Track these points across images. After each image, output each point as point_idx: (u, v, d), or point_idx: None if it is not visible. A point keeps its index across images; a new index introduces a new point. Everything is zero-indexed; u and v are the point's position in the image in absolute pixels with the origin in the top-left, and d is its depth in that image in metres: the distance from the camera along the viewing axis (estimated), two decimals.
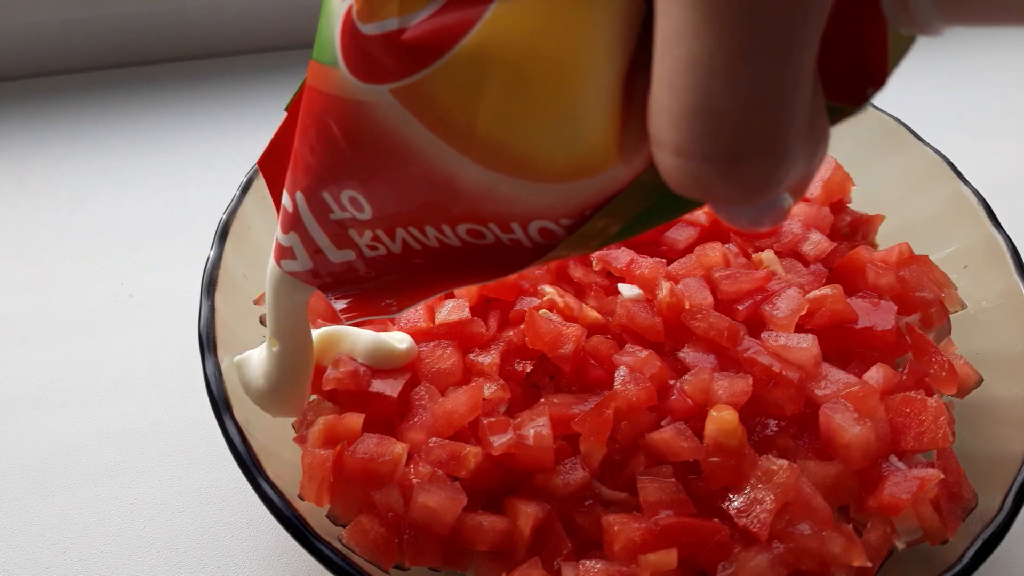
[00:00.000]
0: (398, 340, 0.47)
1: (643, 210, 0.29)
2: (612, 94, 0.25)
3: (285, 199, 0.35)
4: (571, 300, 0.50)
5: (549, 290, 0.50)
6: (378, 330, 0.48)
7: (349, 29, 0.27)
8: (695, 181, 0.23)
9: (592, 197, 0.28)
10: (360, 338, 0.48)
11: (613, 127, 0.25)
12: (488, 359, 0.48)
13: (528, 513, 0.42)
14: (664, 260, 0.51)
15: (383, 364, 0.47)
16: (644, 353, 0.47)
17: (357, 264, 0.35)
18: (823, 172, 0.57)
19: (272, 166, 0.37)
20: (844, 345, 0.49)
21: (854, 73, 0.25)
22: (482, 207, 0.29)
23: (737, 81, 0.20)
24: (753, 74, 0.20)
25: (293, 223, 0.35)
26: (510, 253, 0.31)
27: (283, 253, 0.37)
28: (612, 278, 0.52)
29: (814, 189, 0.57)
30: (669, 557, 0.40)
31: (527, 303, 0.49)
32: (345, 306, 0.36)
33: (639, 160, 0.26)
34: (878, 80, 0.24)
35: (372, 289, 0.36)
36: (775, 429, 0.46)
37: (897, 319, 0.49)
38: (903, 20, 0.22)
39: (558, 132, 0.26)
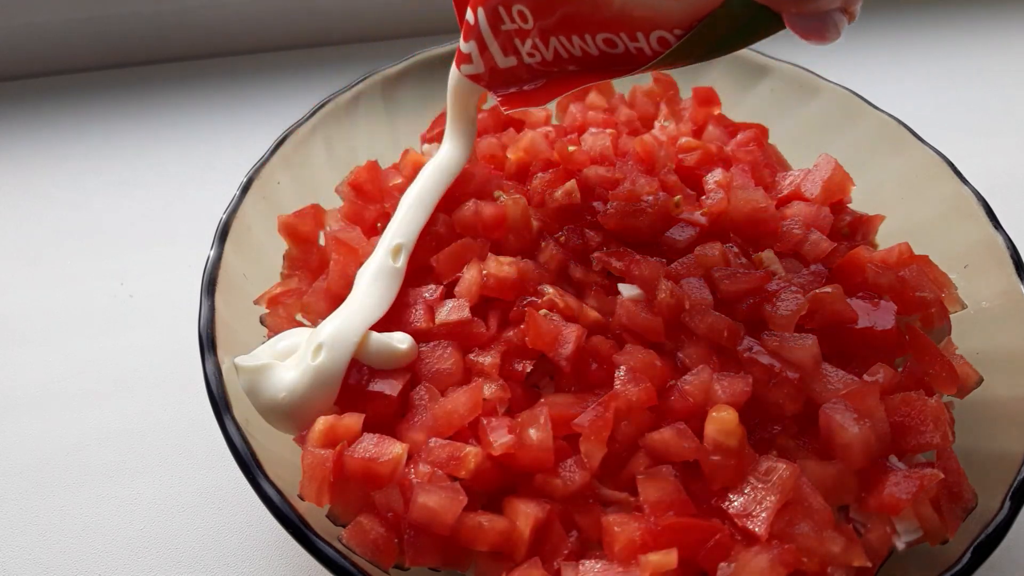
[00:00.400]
0: (399, 340, 0.47)
1: (729, 31, 0.40)
2: None
3: (468, 14, 0.48)
4: (571, 300, 0.50)
5: (549, 290, 0.50)
6: (379, 330, 0.48)
7: None
8: None
9: (698, 10, 0.39)
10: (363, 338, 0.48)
11: None
12: (488, 359, 0.48)
13: (528, 513, 0.42)
14: (664, 260, 0.51)
15: (385, 364, 0.47)
16: (644, 353, 0.47)
17: (518, 69, 0.49)
18: (823, 172, 0.57)
19: None
20: (844, 345, 0.49)
21: None
22: (617, 18, 0.42)
23: None
24: None
25: (473, 33, 0.48)
26: (632, 59, 0.44)
27: (462, 59, 0.51)
28: (612, 278, 0.52)
29: (814, 189, 0.57)
30: (669, 557, 0.40)
31: (527, 303, 0.49)
32: (504, 98, 0.50)
33: None
34: None
35: (526, 89, 0.49)
36: (775, 429, 0.46)
37: (897, 319, 0.49)
38: None
39: None
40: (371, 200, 0.58)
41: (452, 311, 0.49)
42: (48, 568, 0.51)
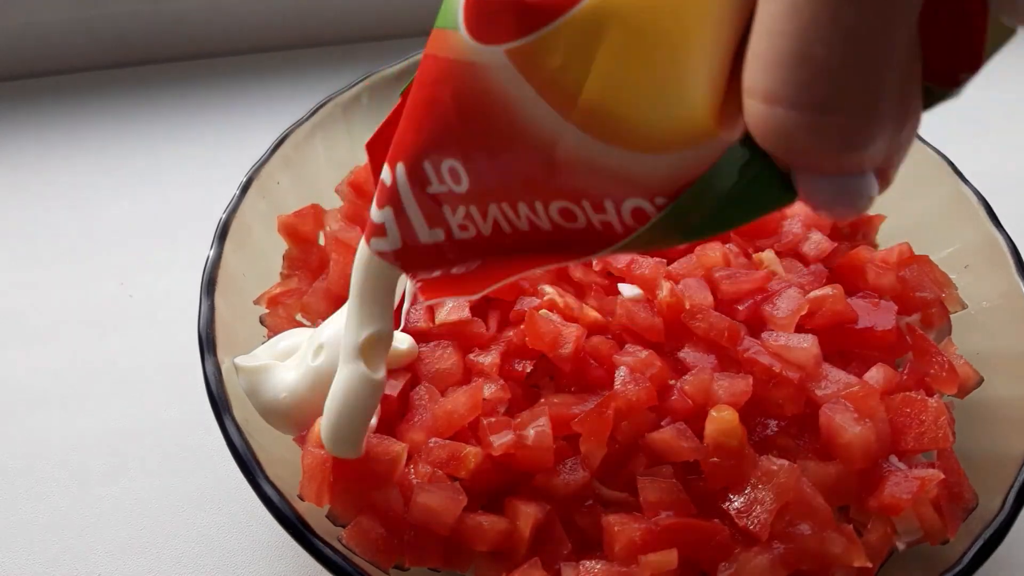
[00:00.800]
0: (399, 340, 0.47)
1: (725, 200, 0.28)
2: (724, 59, 0.25)
3: (385, 173, 0.36)
4: (571, 300, 0.50)
5: (549, 290, 0.50)
6: None
7: None
8: (780, 131, 0.23)
9: (688, 172, 0.28)
10: None
11: (719, 94, 0.25)
12: (488, 359, 0.48)
13: (528, 513, 0.42)
14: (664, 260, 0.51)
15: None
16: (644, 353, 0.47)
17: (445, 246, 0.36)
18: None
19: (378, 148, 0.39)
20: (844, 345, 0.49)
21: (949, 54, 0.24)
22: (579, 181, 0.30)
23: (836, 28, 0.21)
24: (854, 23, 0.20)
25: (390, 197, 0.36)
26: (597, 237, 0.31)
27: (374, 231, 0.37)
28: (612, 278, 0.52)
29: None
30: (669, 557, 0.40)
31: (527, 303, 0.49)
32: (423, 286, 0.37)
33: (735, 132, 0.26)
34: (972, 65, 0.24)
35: (454, 273, 0.36)
36: (775, 429, 0.46)
37: (897, 319, 0.49)
38: (1006, 8, 0.23)
39: (667, 96, 0.26)
40: (371, 200, 0.57)
41: (452, 311, 0.49)
42: (48, 568, 0.51)
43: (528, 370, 0.48)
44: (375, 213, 0.37)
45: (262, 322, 0.53)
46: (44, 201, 0.74)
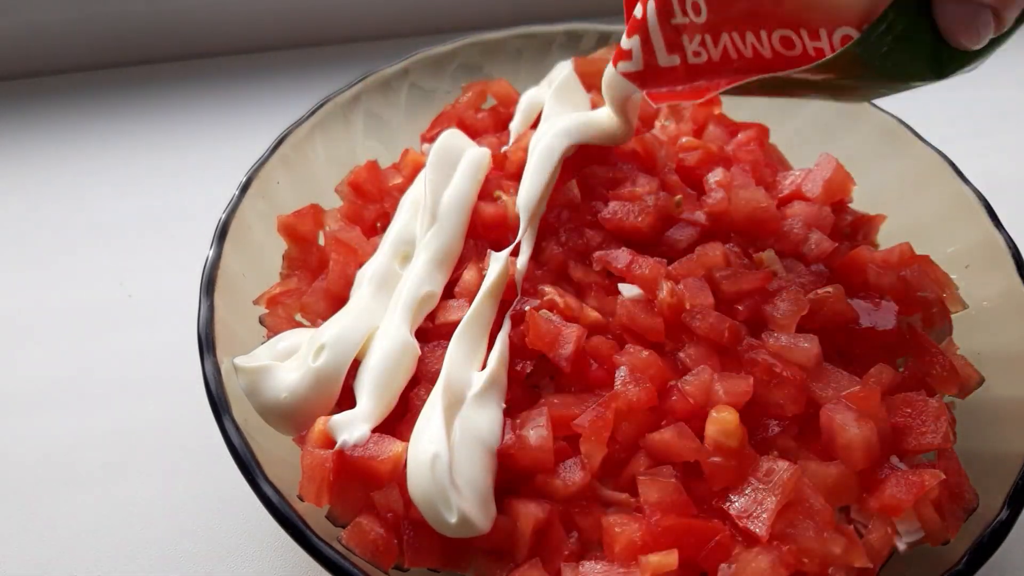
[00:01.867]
0: None
1: (901, 39, 0.37)
2: None
3: (637, 8, 0.46)
4: (571, 300, 0.50)
5: (549, 290, 0.50)
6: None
7: None
8: None
9: (879, 6, 0.36)
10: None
11: None
12: None
13: (528, 514, 0.42)
14: (664, 260, 0.51)
15: None
16: (645, 353, 0.46)
17: (678, 70, 0.46)
18: (824, 171, 0.57)
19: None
20: (845, 345, 0.49)
21: None
22: (800, 12, 0.38)
23: None
24: None
25: (639, 28, 0.47)
26: (807, 60, 0.40)
27: (621, 56, 0.49)
28: (612, 278, 0.52)
29: (815, 189, 0.57)
30: (670, 558, 0.40)
31: (527, 303, 0.49)
32: (652, 96, 0.49)
33: None
34: None
35: (678, 90, 0.47)
36: (776, 430, 0.46)
37: (898, 319, 0.49)
38: None
39: None
40: (371, 200, 0.57)
41: (452, 311, 0.49)
42: (48, 568, 0.51)
43: (528, 370, 0.48)
44: (624, 41, 0.48)
45: (262, 322, 0.53)
46: (44, 201, 0.74)
